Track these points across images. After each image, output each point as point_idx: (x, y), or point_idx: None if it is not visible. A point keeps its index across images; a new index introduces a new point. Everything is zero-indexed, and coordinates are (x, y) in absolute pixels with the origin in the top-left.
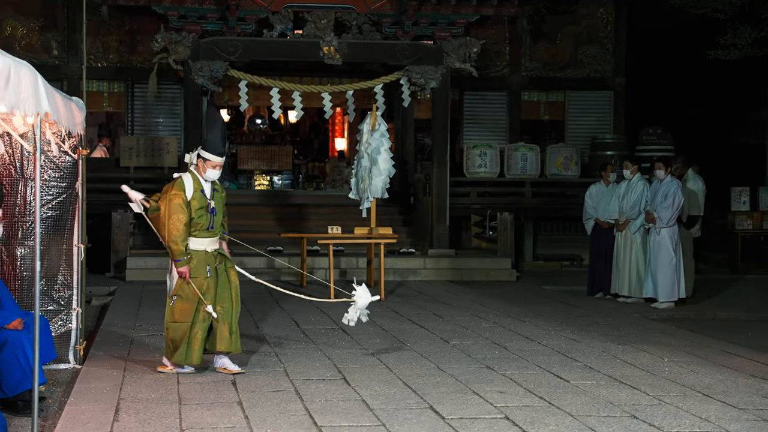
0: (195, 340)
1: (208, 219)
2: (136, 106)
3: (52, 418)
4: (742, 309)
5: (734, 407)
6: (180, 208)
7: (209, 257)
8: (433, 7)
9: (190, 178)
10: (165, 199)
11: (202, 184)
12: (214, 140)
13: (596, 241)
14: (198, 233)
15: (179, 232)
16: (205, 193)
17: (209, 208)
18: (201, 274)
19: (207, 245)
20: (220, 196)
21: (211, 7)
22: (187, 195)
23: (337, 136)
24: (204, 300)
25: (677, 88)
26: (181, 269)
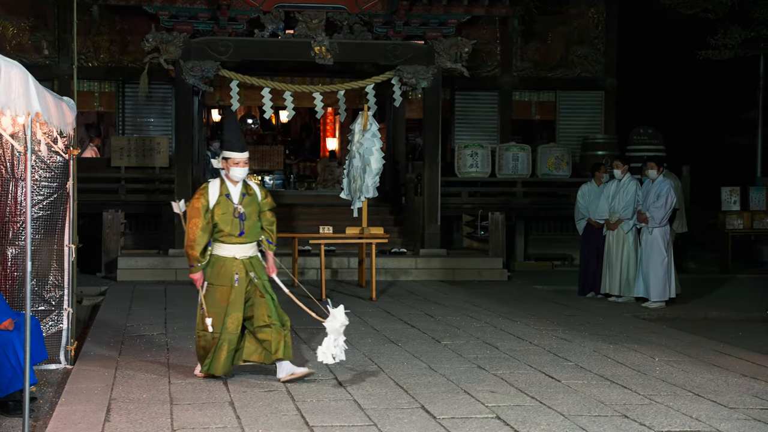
0: (222, 351)
1: (236, 225)
2: (127, 106)
3: (43, 418)
4: (732, 308)
5: (725, 406)
6: (198, 213)
7: (238, 265)
8: (424, 7)
9: (218, 183)
10: (190, 203)
11: (229, 189)
12: (230, 138)
13: (587, 241)
14: (225, 239)
15: (195, 236)
16: (231, 198)
17: (236, 213)
18: (226, 283)
19: (236, 252)
20: (254, 201)
21: (202, 7)
22: (210, 200)
23: (329, 136)
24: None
25: (668, 88)
26: (193, 275)
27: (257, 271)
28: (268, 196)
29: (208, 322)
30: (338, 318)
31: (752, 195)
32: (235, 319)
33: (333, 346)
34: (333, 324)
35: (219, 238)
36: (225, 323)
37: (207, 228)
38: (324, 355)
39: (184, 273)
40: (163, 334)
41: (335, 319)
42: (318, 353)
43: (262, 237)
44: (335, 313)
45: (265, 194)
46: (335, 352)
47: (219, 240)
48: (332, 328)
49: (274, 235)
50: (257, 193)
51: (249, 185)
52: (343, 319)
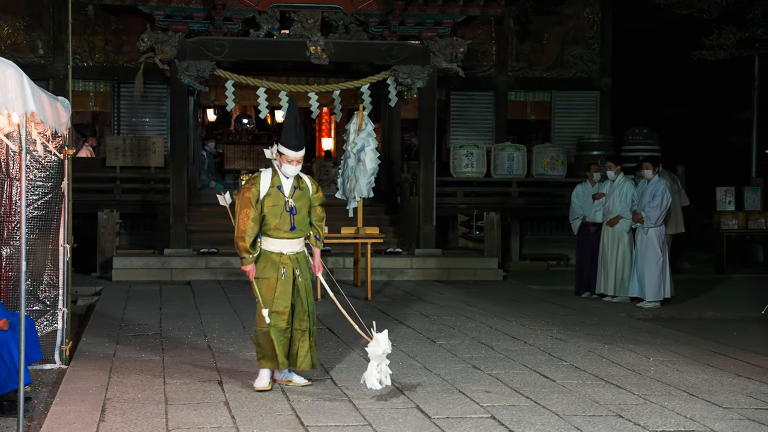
0: (282, 343)
1: (286, 218)
2: (122, 106)
3: (37, 418)
4: (727, 308)
5: (719, 406)
6: (249, 203)
7: (285, 260)
8: (419, 7)
9: (270, 173)
10: (240, 193)
11: (282, 180)
12: (288, 134)
13: (583, 241)
14: (272, 232)
15: (246, 227)
16: (282, 190)
17: (287, 207)
18: (272, 275)
19: (283, 247)
20: (305, 195)
21: (197, 6)
22: (262, 190)
23: (324, 136)
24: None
25: (663, 88)
26: (245, 267)
27: (302, 269)
28: (320, 190)
29: (265, 313)
30: (381, 344)
31: (747, 195)
32: (283, 312)
33: (377, 371)
34: (375, 350)
35: (266, 232)
36: (271, 316)
37: (258, 219)
38: (370, 382)
39: (179, 273)
40: (158, 334)
41: (378, 345)
42: (363, 380)
43: (309, 233)
44: (378, 339)
45: (317, 188)
46: (380, 377)
47: (266, 234)
48: (374, 353)
49: (322, 231)
50: (309, 187)
51: (301, 178)
52: (387, 345)
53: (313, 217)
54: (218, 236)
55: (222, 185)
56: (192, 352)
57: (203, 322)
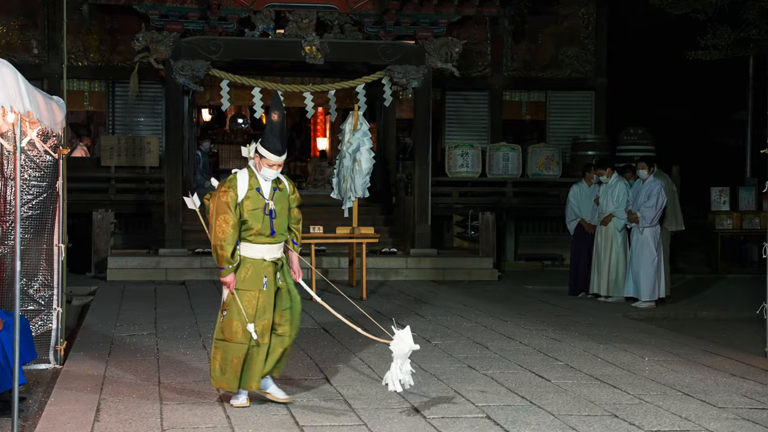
0: (255, 362)
1: (266, 222)
2: (117, 106)
3: (32, 418)
4: (722, 308)
5: (714, 406)
6: (227, 208)
7: (267, 267)
8: (414, 7)
9: (246, 174)
10: (215, 196)
11: (260, 182)
12: (271, 136)
13: (578, 241)
14: (253, 238)
15: (225, 235)
16: (262, 192)
17: (267, 210)
18: (255, 287)
19: (265, 253)
20: (284, 197)
21: (192, 6)
22: (240, 193)
23: (319, 136)
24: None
25: (658, 88)
26: (225, 279)
27: (284, 274)
28: (296, 190)
29: (250, 329)
30: (405, 341)
31: (741, 195)
32: (264, 327)
33: (400, 371)
34: (400, 348)
35: (247, 237)
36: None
37: (238, 225)
38: (392, 383)
39: (174, 273)
40: (152, 333)
41: (402, 342)
42: (384, 380)
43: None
44: (402, 336)
45: (294, 188)
46: (403, 377)
47: (247, 239)
48: (399, 352)
49: (299, 234)
50: (287, 187)
51: (279, 178)
52: (411, 342)
53: (291, 220)
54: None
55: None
56: (187, 351)
57: (198, 321)
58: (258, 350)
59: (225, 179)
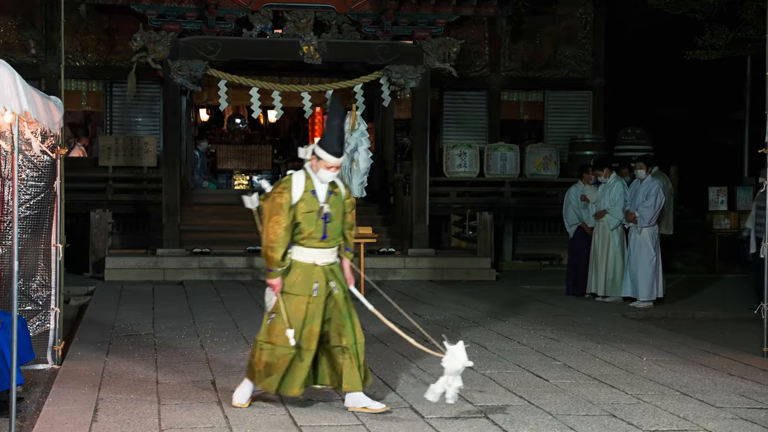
0: (298, 369)
1: (320, 226)
2: (114, 106)
3: (30, 418)
4: (720, 308)
5: (712, 406)
6: (281, 209)
7: (318, 273)
8: (412, 7)
9: (303, 176)
10: (268, 197)
11: (315, 185)
12: (329, 138)
13: (576, 241)
14: (306, 242)
15: (276, 237)
16: (317, 195)
17: (321, 214)
18: (305, 292)
19: (317, 257)
20: (339, 201)
21: (190, 6)
22: (294, 195)
23: (317, 136)
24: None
25: (656, 88)
26: (272, 281)
27: (338, 280)
28: (351, 195)
29: (290, 334)
30: (459, 357)
31: (739, 195)
32: (312, 334)
33: (449, 387)
34: (453, 364)
35: (299, 241)
36: (301, 338)
37: (290, 227)
38: (434, 394)
39: (172, 273)
40: (150, 333)
41: (455, 358)
42: (428, 392)
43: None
44: (454, 352)
45: (349, 193)
46: (449, 393)
47: (299, 243)
48: (452, 368)
49: (352, 240)
50: (342, 192)
51: (335, 182)
52: (465, 359)
53: (345, 225)
54: (211, 236)
55: (214, 185)
56: (185, 352)
57: (196, 322)
58: (303, 357)
59: (280, 180)
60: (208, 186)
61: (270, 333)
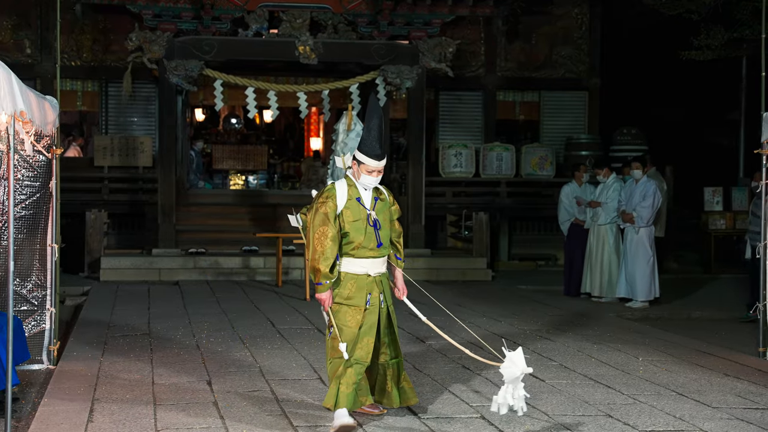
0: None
1: (371, 234)
2: (110, 106)
3: (25, 419)
4: (715, 308)
5: (708, 406)
6: (326, 219)
7: (371, 283)
8: (408, 7)
9: (345, 183)
10: (312, 208)
11: (360, 191)
12: (369, 140)
13: (572, 241)
14: (356, 251)
15: (324, 248)
16: (362, 202)
17: (370, 221)
18: (358, 303)
19: (369, 267)
20: (385, 208)
21: (185, 6)
22: (339, 203)
23: (313, 136)
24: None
25: (652, 88)
26: (321, 295)
27: (386, 293)
28: (396, 201)
29: (342, 348)
30: (518, 364)
31: (735, 195)
32: (366, 346)
33: (511, 396)
34: (512, 371)
35: (349, 251)
36: (355, 350)
37: (337, 237)
38: (499, 406)
39: (167, 273)
40: (146, 334)
41: (514, 364)
42: (492, 404)
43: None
44: (513, 358)
45: (393, 199)
46: (515, 403)
47: (349, 254)
48: (511, 375)
49: (402, 248)
50: (387, 198)
51: (379, 188)
52: (524, 365)
53: (393, 233)
54: (207, 236)
55: (210, 185)
56: (181, 352)
57: (192, 322)
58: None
59: (323, 190)
60: (203, 186)
61: (331, 348)
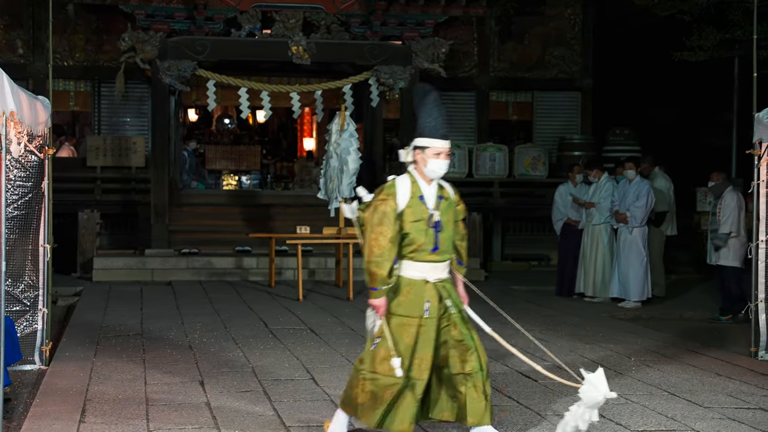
0: (407, 402)
1: (431, 236)
2: (103, 106)
3: (17, 419)
4: (707, 308)
5: (700, 406)
6: (386, 219)
7: (430, 290)
8: (401, 8)
9: (407, 180)
10: (370, 206)
11: (422, 189)
12: (431, 121)
13: (565, 242)
14: (415, 255)
15: (382, 251)
16: (425, 201)
17: (431, 222)
18: (415, 313)
19: (428, 273)
20: (450, 207)
21: (178, 6)
22: (400, 202)
23: (306, 136)
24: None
25: (645, 89)
26: (375, 302)
27: (453, 298)
28: (461, 201)
29: (395, 364)
30: (599, 388)
31: None
32: (424, 361)
33: (580, 421)
34: (593, 396)
35: (408, 254)
36: (411, 366)
37: (396, 239)
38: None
39: (160, 273)
40: (139, 334)
41: (595, 388)
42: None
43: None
44: (593, 381)
45: (459, 199)
46: (580, 425)
47: (408, 256)
48: (591, 400)
49: (466, 253)
50: (452, 197)
51: (443, 186)
52: (606, 389)
53: (456, 236)
54: (199, 236)
55: (203, 185)
56: (173, 352)
57: (184, 322)
58: (414, 388)
59: (382, 187)
60: (196, 186)
61: (374, 361)
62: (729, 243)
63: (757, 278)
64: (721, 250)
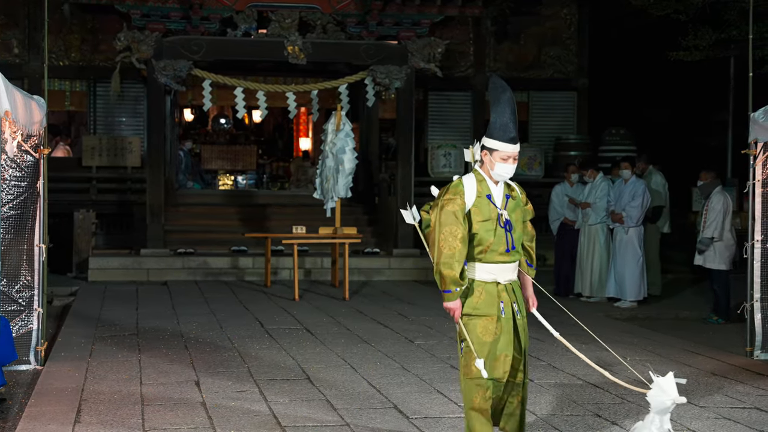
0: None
1: (502, 236)
2: (98, 106)
3: (12, 419)
4: (703, 308)
5: (696, 405)
6: (454, 219)
7: (501, 292)
8: (397, 7)
9: (474, 179)
10: (436, 206)
11: (490, 188)
12: (503, 120)
13: (562, 241)
14: (484, 256)
15: (453, 251)
16: (493, 200)
17: (501, 221)
18: (492, 312)
19: (498, 274)
20: (518, 207)
21: (174, 6)
22: (467, 201)
23: (302, 136)
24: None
25: (641, 89)
26: (450, 304)
27: (520, 304)
28: (529, 201)
29: (479, 365)
30: (669, 392)
31: None
32: (504, 361)
33: (657, 429)
34: (661, 400)
35: (477, 255)
36: (493, 366)
37: (466, 239)
38: None
39: (156, 273)
40: (134, 334)
41: (663, 392)
42: None
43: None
44: (663, 385)
45: (526, 198)
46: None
47: (477, 258)
48: (659, 405)
49: (534, 253)
50: (519, 196)
51: (510, 185)
52: (676, 394)
53: (525, 236)
54: (195, 236)
55: (199, 185)
56: (169, 352)
57: (180, 322)
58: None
59: (448, 185)
60: (192, 186)
61: (465, 365)
62: (714, 246)
63: (752, 278)
64: (706, 254)
